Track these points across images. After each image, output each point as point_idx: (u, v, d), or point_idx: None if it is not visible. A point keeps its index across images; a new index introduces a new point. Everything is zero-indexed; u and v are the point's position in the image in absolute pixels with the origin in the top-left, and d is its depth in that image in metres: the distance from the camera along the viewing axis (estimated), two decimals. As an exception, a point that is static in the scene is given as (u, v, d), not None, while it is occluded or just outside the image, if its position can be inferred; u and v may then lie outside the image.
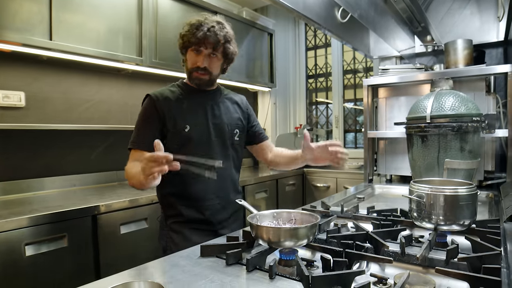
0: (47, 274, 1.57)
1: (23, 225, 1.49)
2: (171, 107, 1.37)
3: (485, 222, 1.18)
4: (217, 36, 1.33)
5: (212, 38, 1.33)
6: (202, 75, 1.39)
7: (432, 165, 1.75)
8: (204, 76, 1.39)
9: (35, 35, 1.83)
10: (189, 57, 1.38)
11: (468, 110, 1.68)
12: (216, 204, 1.42)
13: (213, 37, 1.33)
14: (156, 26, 2.42)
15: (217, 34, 1.33)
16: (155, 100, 1.37)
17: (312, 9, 1.88)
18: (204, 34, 1.31)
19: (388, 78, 2.35)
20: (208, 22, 1.34)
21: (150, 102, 1.38)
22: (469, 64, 2.18)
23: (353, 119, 3.98)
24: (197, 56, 1.36)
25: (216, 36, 1.33)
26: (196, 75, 1.39)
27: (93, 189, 2.28)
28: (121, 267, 0.90)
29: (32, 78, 2.13)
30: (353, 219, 1.38)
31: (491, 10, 2.40)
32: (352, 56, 3.95)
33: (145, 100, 1.41)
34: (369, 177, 2.44)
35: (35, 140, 2.15)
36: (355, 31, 2.52)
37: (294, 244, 0.93)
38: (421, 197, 1.09)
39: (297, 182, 3.47)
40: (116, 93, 2.58)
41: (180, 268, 0.90)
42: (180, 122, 1.36)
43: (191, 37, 1.33)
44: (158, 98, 1.37)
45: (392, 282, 0.81)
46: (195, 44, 1.34)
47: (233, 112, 1.51)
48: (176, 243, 1.35)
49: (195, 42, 1.33)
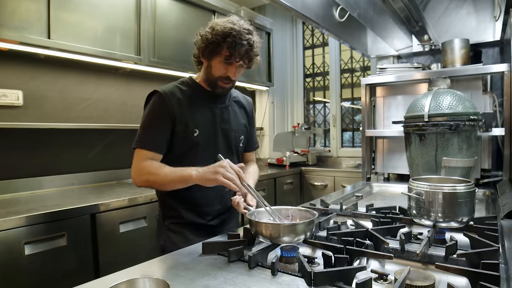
0: (46, 272, 1.57)
1: (22, 224, 1.49)
2: (183, 109, 1.30)
3: (482, 219, 1.20)
4: (253, 51, 1.28)
5: (251, 53, 1.27)
6: (228, 84, 1.33)
7: (430, 163, 1.77)
8: (229, 85, 1.34)
9: (33, 34, 1.82)
10: (218, 65, 1.29)
11: (466, 109, 1.70)
12: (217, 209, 1.40)
13: (251, 52, 1.27)
14: (154, 24, 2.42)
15: (253, 50, 1.27)
16: (165, 99, 1.28)
17: (311, 8, 1.88)
18: (245, 49, 1.24)
19: (386, 77, 2.36)
20: (242, 33, 1.23)
21: (160, 99, 1.29)
22: (466, 63, 2.20)
23: (350, 118, 3.99)
24: (228, 66, 1.28)
25: (253, 51, 1.28)
26: (222, 84, 1.32)
27: (92, 188, 2.28)
28: (121, 265, 0.91)
29: (29, 77, 2.12)
30: (353, 216, 1.39)
31: (487, 10, 2.42)
32: (349, 55, 3.96)
33: (154, 97, 1.31)
34: (367, 175, 2.46)
35: (33, 139, 2.14)
36: (353, 30, 2.53)
37: (292, 240, 0.94)
38: (420, 195, 1.11)
39: (295, 181, 3.49)
40: (114, 92, 2.58)
41: (183, 265, 0.90)
42: (190, 125, 1.31)
43: (229, 49, 1.23)
44: (168, 97, 1.29)
45: (392, 278, 0.82)
46: (233, 57, 1.25)
47: (240, 118, 1.48)
48: (175, 242, 1.33)
49: (234, 55, 1.25)
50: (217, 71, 1.30)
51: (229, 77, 1.30)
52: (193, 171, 1.17)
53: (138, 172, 1.26)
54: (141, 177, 1.25)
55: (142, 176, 1.25)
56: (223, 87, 1.34)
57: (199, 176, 1.15)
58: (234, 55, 1.25)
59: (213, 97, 1.39)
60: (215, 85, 1.34)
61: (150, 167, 1.24)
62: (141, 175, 1.25)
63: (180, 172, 1.20)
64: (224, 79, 1.31)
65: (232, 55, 1.25)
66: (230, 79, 1.32)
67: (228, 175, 1.11)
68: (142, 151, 1.27)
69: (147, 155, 1.27)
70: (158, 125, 1.28)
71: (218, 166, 1.12)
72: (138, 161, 1.27)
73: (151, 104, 1.31)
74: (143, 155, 1.27)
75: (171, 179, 1.21)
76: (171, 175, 1.21)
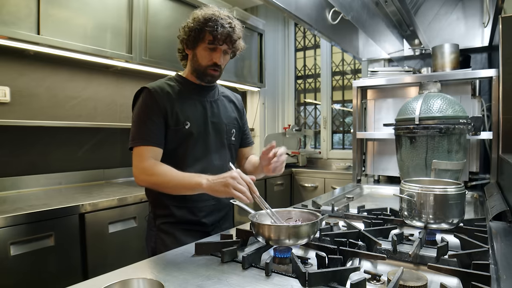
0: (33, 273, 1.53)
1: (8, 224, 1.45)
2: (172, 102, 1.29)
3: (472, 221, 1.22)
4: (237, 33, 1.29)
5: (235, 36, 1.28)
6: (215, 71, 1.33)
7: (420, 165, 1.79)
8: (216, 73, 1.34)
9: (22, 29, 1.78)
10: (203, 53, 1.30)
11: (455, 113, 1.73)
12: (210, 205, 1.37)
13: (236, 35, 1.28)
14: (146, 23, 2.40)
15: (236, 32, 1.28)
16: (155, 94, 1.28)
17: (304, 10, 1.89)
18: (228, 33, 1.25)
19: (377, 80, 2.39)
20: (223, 17, 1.27)
21: (149, 95, 1.28)
22: (455, 68, 2.24)
23: (340, 120, 4.02)
24: (213, 52, 1.29)
25: (235, 33, 1.28)
26: (210, 72, 1.32)
27: (80, 188, 2.24)
28: (110, 266, 0.89)
29: (18, 73, 2.07)
30: (345, 218, 1.39)
31: (476, 16, 2.47)
32: (340, 58, 3.99)
33: (142, 93, 1.30)
34: (358, 177, 2.48)
35: (20, 137, 2.09)
36: (345, 33, 2.55)
37: (295, 242, 0.93)
38: (412, 196, 1.12)
39: (285, 182, 3.49)
40: (104, 90, 2.54)
41: (176, 266, 0.89)
42: (181, 118, 1.29)
43: (212, 32, 1.24)
44: (158, 92, 1.28)
45: (385, 279, 0.82)
46: (216, 40, 1.26)
47: (230, 111, 1.47)
48: (167, 244, 1.28)
49: (216, 38, 1.25)
50: (203, 59, 1.31)
51: (215, 63, 1.30)
52: (204, 179, 1.12)
53: (142, 172, 1.22)
54: (145, 177, 1.21)
55: (146, 177, 1.21)
56: (211, 74, 1.33)
57: (209, 186, 1.10)
58: (216, 38, 1.25)
59: (202, 91, 1.39)
60: (203, 74, 1.34)
61: (155, 168, 1.21)
62: (145, 175, 1.21)
63: (188, 178, 1.16)
64: (211, 66, 1.31)
65: (215, 39, 1.26)
66: (217, 66, 1.32)
67: (239, 187, 1.05)
68: (141, 149, 1.23)
69: (148, 152, 1.23)
70: (152, 119, 1.26)
71: (228, 177, 1.06)
72: (140, 160, 1.23)
73: (141, 100, 1.30)
74: (144, 152, 1.23)
75: (178, 183, 1.17)
76: (178, 180, 1.17)
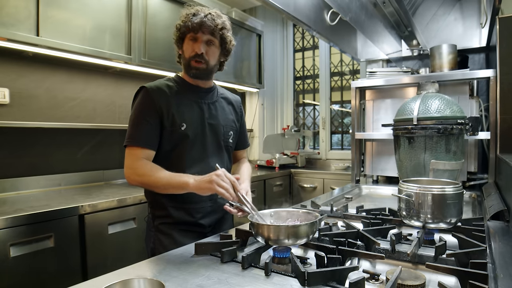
0: (33, 275, 1.53)
1: (8, 225, 1.46)
2: (169, 103, 1.30)
3: (470, 221, 1.23)
4: (214, 21, 1.30)
5: (210, 22, 1.29)
6: (199, 63, 1.33)
7: (418, 165, 1.80)
8: (202, 65, 1.33)
9: (21, 31, 1.79)
10: (186, 47, 1.34)
11: (453, 113, 1.73)
12: (207, 207, 1.38)
13: (210, 21, 1.29)
14: (145, 24, 2.40)
15: (214, 20, 1.30)
16: (152, 93, 1.29)
17: (302, 11, 1.90)
18: (201, 20, 1.28)
19: (376, 80, 2.40)
20: (205, 10, 1.32)
21: (147, 95, 1.29)
22: (453, 68, 2.25)
23: (339, 120, 4.03)
24: (194, 43, 1.32)
25: (213, 21, 1.30)
26: (194, 64, 1.33)
27: (79, 189, 2.24)
28: (109, 267, 0.89)
29: (17, 75, 2.08)
30: (343, 218, 1.40)
31: (473, 17, 2.49)
32: (339, 58, 4.00)
33: (141, 93, 1.32)
34: (356, 177, 2.49)
35: (19, 138, 2.09)
36: (343, 34, 2.56)
37: (294, 242, 0.93)
38: (410, 196, 1.12)
39: (284, 183, 3.50)
40: (103, 91, 2.54)
41: (176, 266, 0.89)
42: (177, 120, 1.30)
43: (188, 24, 1.29)
44: (155, 92, 1.30)
45: (384, 278, 0.83)
46: (192, 31, 1.30)
47: (228, 113, 1.48)
48: (165, 245, 1.29)
49: (192, 28, 1.29)
50: (186, 52, 1.34)
51: (197, 53, 1.31)
52: (190, 179, 1.17)
53: (132, 172, 1.24)
54: (135, 177, 1.24)
55: (136, 177, 1.24)
56: (196, 67, 1.33)
57: (195, 185, 1.15)
58: (192, 28, 1.29)
59: (201, 93, 1.40)
60: (189, 67, 1.35)
61: (144, 168, 1.23)
62: (135, 175, 1.24)
63: (176, 178, 1.19)
64: (194, 57, 1.32)
65: (192, 29, 1.29)
66: (200, 56, 1.32)
67: (223, 184, 1.10)
68: (134, 149, 1.26)
69: (139, 153, 1.25)
70: (147, 121, 1.28)
71: (213, 175, 1.11)
72: (131, 159, 1.26)
73: (138, 100, 1.32)
74: (136, 153, 1.26)
75: (166, 183, 1.20)
76: (166, 180, 1.20)
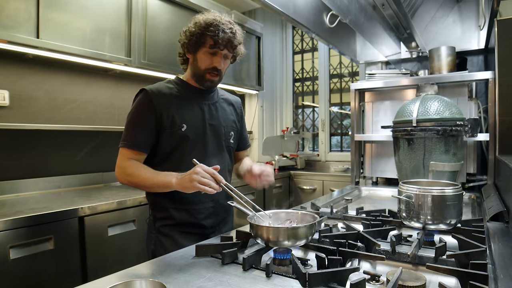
0: (32, 277, 1.53)
1: (8, 227, 1.45)
2: (169, 104, 1.30)
3: (469, 222, 1.23)
4: (236, 39, 1.31)
5: (236, 41, 1.31)
6: (215, 76, 1.34)
7: (417, 167, 1.80)
8: (216, 78, 1.34)
9: (21, 33, 1.79)
10: (203, 57, 1.31)
11: (452, 115, 1.74)
12: (209, 207, 1.38)
13: (236, 40, 1.31)
14: (145, 26, 2.41)
15: (236, 37, 1.31)
16: (151, 95, 1.29)
17: (302, 13, 1.91)
18: (228, 36, 1.27)
19: (375, 82, 2.41)
20: (224, 22, 1.29)
21: (145, 97, 1.29)
22: (452, 70, 2.26)
23: (338, 122, 4.04)
24: (213, 57, 1.31)
25: (236, 38, 1.31)
26: (209, 77, 1.33)
27: (79, 191, 2.24)
28: (109, 269, 0.89)
29: (17, 77, 2.08)
30: (343, 219, 1.40)
31: (472, 19, 2.50)
32: (338, 60, 4.02)
33: (140, 95, 1.32)
34: (356, 179, 2.49)
35: (19, 140, 2.09)
36: (343, 36, 2.57)
37: (293, 243, 0.93)
38: (410, 198, 1.13)
39: (284, 185, 3.50)
40: (103, 93, 2.55)
41: (177, 268, 0.90)
42: (178, 121, 1.30)
43: (213, 37, 1.26)
44: (155, 94, 1.30)
45: (384, 279, 0.83)
46: (218, 46, 1.28)
47: (229, 114, 1.48)
48: (166, 247, 1.29)
49: (220, 44, 1.27)
50: (203, 63, 1.32)
51: (215, 67, 1.31)
52: (173, 178, 1.19)
53: (121, 171, 1.28)
54: (124, 177, 1.27)
55: (125, 176, 1.27)
56: (211, 80, 1.34)
57: (178, 184, 1.17)
58: (217, 43, 1.27)
59: (201, 95, 1.40)
60: (203, 79, 1.34)
61: (130, 168, 1.26)
62: (124, 174, 1.27)
63: (161, 177, 1.22)
64: (211, 70, 1.32)
65: (216, 43, 1.28)
66: (217, 70, 1.33)
67: (204, 180, 1.10)
68: (125, 150, 1.29)
69: (130, 154, 1.28)
70: (142, 124, 1.29)
71: (192, 173, 1.12)
72: (121, 160, 1.29)
73: (136, 102, 1.32)
74: (126, 154, 1.29)
75: (152, 183, 1.23)
76: (151, 180, 1.23)
